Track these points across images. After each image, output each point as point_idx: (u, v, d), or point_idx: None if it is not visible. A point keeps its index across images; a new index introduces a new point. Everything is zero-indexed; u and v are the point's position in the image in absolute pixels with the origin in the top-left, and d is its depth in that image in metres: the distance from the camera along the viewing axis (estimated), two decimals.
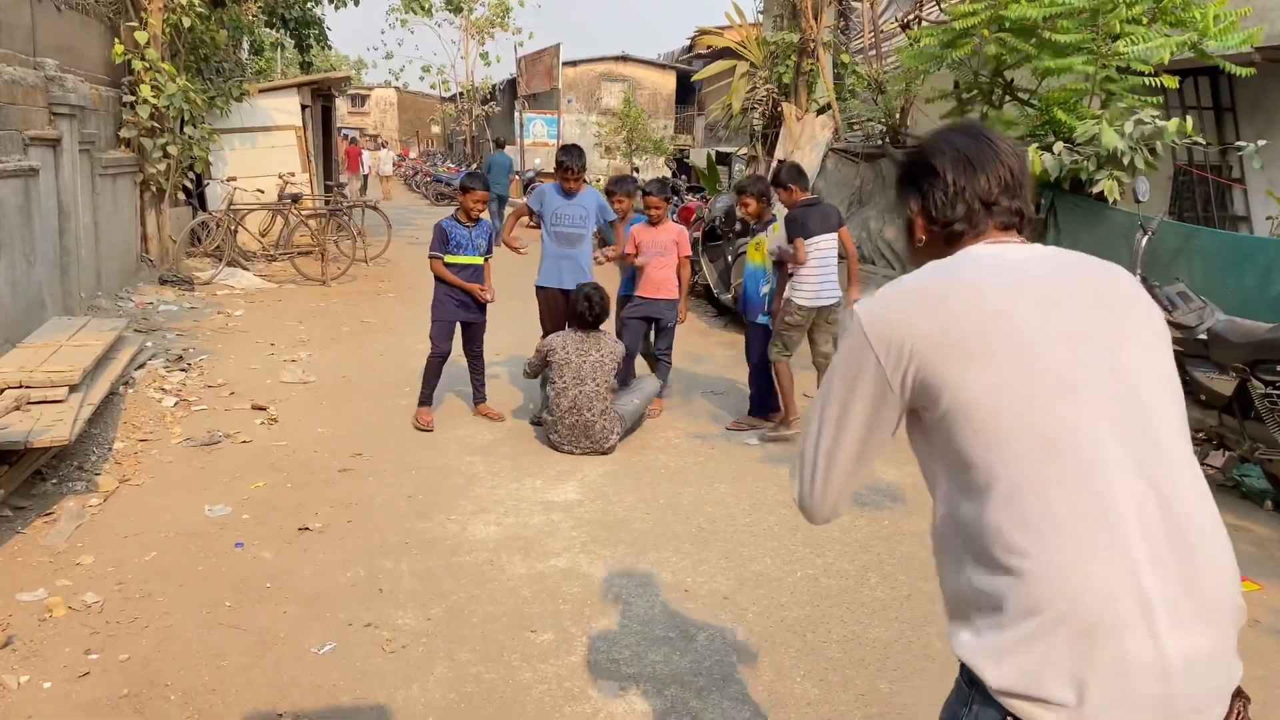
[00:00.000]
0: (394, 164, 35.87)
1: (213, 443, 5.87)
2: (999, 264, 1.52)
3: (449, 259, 6.42)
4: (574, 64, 32.11)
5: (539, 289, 6.79)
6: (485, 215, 6.63)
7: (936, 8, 10.20)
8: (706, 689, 3.41)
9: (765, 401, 6.71)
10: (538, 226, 6.85)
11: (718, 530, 4.88)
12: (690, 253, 6.96)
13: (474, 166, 31.89)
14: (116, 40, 10.94)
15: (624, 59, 32.43)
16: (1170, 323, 5.65)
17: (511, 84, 36.33)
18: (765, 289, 6.51)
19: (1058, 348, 1.42)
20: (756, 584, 4.27)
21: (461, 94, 38.71)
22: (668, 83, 33.95)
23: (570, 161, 6.57)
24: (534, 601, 4.01)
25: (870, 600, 4.16)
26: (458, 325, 6.56)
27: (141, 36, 10.89)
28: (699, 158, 20.81)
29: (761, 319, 6.56)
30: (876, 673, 3.57)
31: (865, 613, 4.04)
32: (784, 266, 6.27)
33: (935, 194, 1.63)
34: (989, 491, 1.38)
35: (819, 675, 3.53)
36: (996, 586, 1.36)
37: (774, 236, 6.37)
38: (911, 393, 1.48)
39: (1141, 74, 7.45)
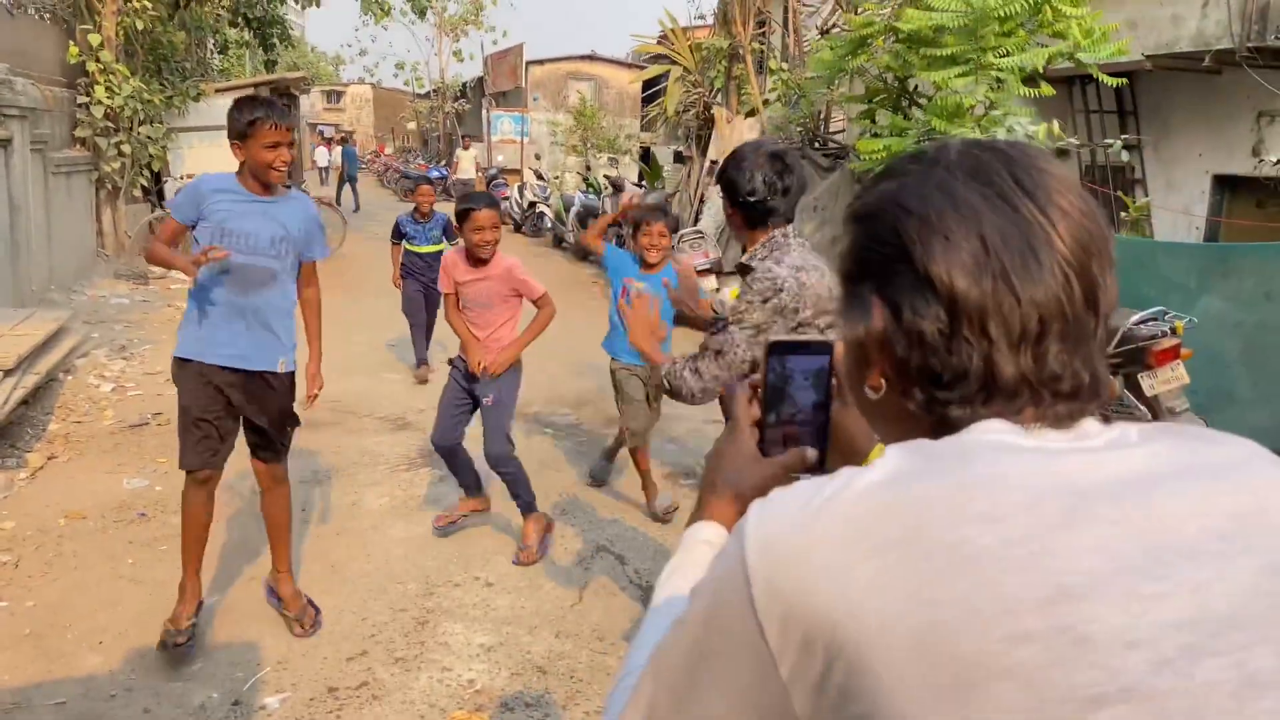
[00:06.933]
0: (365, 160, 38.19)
1: (141, 424, 6.35)
2: (1050, 481, 0.71)
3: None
4: (541, 63, 32.53)
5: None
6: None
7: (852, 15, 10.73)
8: (539, 627, 3.94)
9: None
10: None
11: (578, 495, 5.41)
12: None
13: (443, 164, 33.42)
14: (71, 43, 11.35)
15: (591, 58, 32.82)
16: None
17: (480, 82, 36.77)
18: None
19: (1181, 690, 0.65)
20: (611, 544, 4.80)
21: (435, 91, 39.07)
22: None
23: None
24: (404, 560, 4.53)
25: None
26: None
27: (95, 39, 11.30)
28: (663, 154, 21.59)
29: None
30: None
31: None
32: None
33: (912, 308, 0.80)
34: None
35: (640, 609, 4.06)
36: None
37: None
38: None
39: (1032, 80, 7.91)
